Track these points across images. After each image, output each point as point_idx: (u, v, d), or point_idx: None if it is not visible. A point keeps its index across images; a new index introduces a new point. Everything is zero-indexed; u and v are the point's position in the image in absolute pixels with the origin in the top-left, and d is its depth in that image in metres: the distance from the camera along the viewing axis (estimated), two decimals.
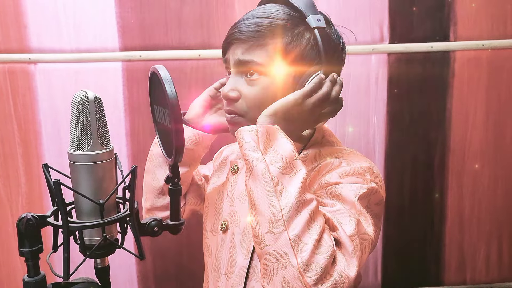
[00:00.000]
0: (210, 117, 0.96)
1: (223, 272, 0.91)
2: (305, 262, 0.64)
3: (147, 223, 0.68)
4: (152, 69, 0.70)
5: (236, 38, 0.81)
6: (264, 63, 0.80)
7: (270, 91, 0.81)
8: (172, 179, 0.72)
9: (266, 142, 0.72)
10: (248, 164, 0.72)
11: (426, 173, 1.58)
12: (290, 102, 0.77)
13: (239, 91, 0.83)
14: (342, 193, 0.76)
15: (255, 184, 0.70)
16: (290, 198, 0.67)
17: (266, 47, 0.80)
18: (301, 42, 0.80)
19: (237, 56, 0.82)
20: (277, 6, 0.83)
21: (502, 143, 1.57)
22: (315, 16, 0.81)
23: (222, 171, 1.02)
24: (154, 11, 1.44)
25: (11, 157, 1.50)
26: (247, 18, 0.83)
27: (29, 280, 0.61)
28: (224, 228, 0.92)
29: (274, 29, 0.80)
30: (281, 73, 0.80)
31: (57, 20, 1.43)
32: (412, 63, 1.51)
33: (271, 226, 0.67)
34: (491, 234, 1.63)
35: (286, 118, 0.76)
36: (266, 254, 0.67)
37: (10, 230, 1.53)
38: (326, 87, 0.78)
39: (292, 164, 0.71)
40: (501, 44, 1.50)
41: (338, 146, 0.89)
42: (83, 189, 0.61)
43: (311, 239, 0.66)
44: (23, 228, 0.59)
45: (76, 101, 0.59)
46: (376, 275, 1.63)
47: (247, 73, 0.82)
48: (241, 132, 0.74)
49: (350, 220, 0.72)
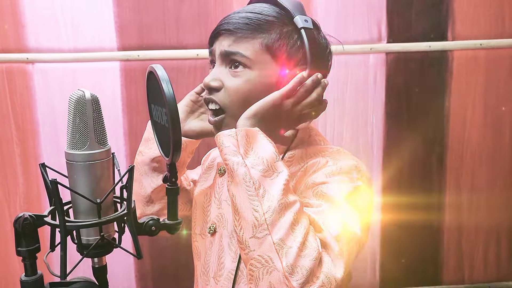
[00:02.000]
0: (193, 122, 0.95)
1: (211, 275, 0.90)
2: (290, 265, 0.64)
3: (144, 223, 0.68)
4: (150, 69, 0.70)
5: (224, 29, 0.81)
6: (250, 56, 0.80)
7: (252, 85, 0.80)
8: (169, 178, 0.72)
9: (246, 145, 0.71)
10: (229, 168, 0.71)
11: (424, 172, 1.58)
12: (269, 103, 0.76)
13: (222, 82, 0.82)
14: (328, 192, 0.76)
15: (237, 189, 0.70)
16: (273, 201, 0.67)
17: (253, 41, 0.80)
18: (289, 41, 0.80)
19: (223, 48, 0.81)
20: (268, 5, 0.83)
21: (500, 142, 1.58)
22: (302, 17, 0.81)
23: (210, 173, 1.01)
24: (152, 10, 1.44)
25: (8, 156, 1.50)
26: (237, 11, 0.83)
27: (27, 279, 0.61)
28: (212, 231, 0.91)
29: (263, 24, 0.80)
30: (265, 69, 0.80)
31: (55, 20, 1.43)
32: (410, 62, 1.51)
33: (254, 230, 0.66)
34: (489, 233, 1.64)
35: (266, 119, 0.76)
36: (251, 260, 0.67)
37: (7, 230, 1.53)
38: (306, 88, 0.78)
39: (273, 166, 0.70)
40: (498, 43, 1.50)
41: (325, 145, 0.89)
42: (81, 188, 0.61)
43: (296, 241, 0.65)
44: (20, 228, 0.59)
45: (74, 101, 0.59)
46: (374, 275, 1.63)
47: (231, 64, 0.81)
48: (220, 137, 0.74)
49: (336, 221, 0.71)
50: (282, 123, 0.79)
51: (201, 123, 0.95)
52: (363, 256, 1.62)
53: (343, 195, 0.75)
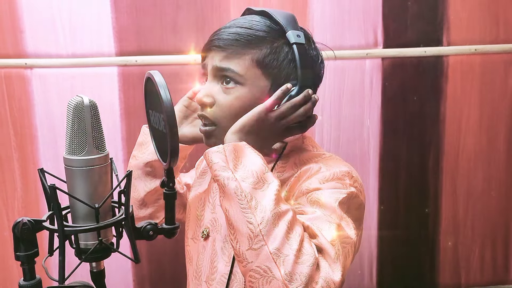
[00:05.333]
0: (186, 128, 0.95)
1: (204, 279, 0.91)
2: (288, 273, 0.64)
3: (142, 227, 0.69)
4: (147, 75, 0.70)
5: (215, 45, 0.82)
6: (241, 72, 0.80)
7: (244, 101, 0.81)
8: (167, 183, 0.73)
9: (235, 160, 0.72)
10: (220, 184, 0.71)
11: (420, 176, 1.59)
12: (254, 117, 0.77)
13: (214, 98, 0.83)
14: (322, 199, 0.76)
15: (229, 203, 0.70)
16: (266, 212, 0.67)
17: (244, 57, 0.80)
18: (279, 55, 0.81)
19: (215, 63, 0.82)
20: (259, 18, 0.83)
21: (495, 145, 1.59)
22: (295, 32, 0.81)
23: (204, 178, 1.01)
24: (150, 16, 1.45)
25: (7, 161, 1.50)
26: (228, 26, 0.83)
27: (25, 284, 0.61)
28: (205, 235, 0.92)
29: (253, 39, 0.80)
30: (257, 84, 0.81)
31: (53, 25, 1.43)
32: (406, 68, 1.52)
33: (250, 242, 0.67)
34: (485, 237, 1.64)
35: (253, 132, 0.77)
36: (250, 271, 0.67)
37: (6, 234, 1.53)
38: (293, 104, 0.78)
39: (263, 178, 0.71)
40: (493, 49, 1.52)
41: (318, 151, 0.89)
42: (79, 193, 0.61)
43: (292, 249, 0.65)
44: (18, 232, 0.60)
45: (72, 106, 0.60)
46: (371, 278, 1.64)
47: (223, 80, 0.82)
48: (209, 154, 0.74)
49: (330, 226, 0.72)
50: (269, 136, 0.79)
51: (194, 129, 0.95)
52: (360, 260, 1.62)
53: (337, 201, 0.75)
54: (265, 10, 0.84)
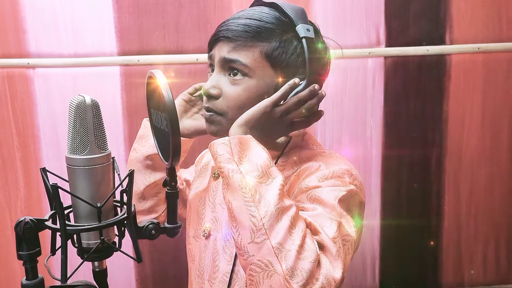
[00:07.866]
0: (186, 121, 0.96)
1: (206, 278, 0.91)
2: (290, 268, 0.64)
3: (144, 226, 0.69)
4: (149, 74, 0.70)
5: (224, 36, 0.81)
6: (249, 64, 0.80)
7: (251, 93, 0.80)
8: (169, 182, 0.73)
9: (240, 153, 0.72)
10: (225, 176, 0.71)
11: (423, 175, 1.59)
12: (260, 110, 0.77)
13: (221, 89, 0.82)
14: (322, 196, 0.76)
15: (233, 196, 0.70)
16: (269, 206, 0.67)
17: (252, 49, 0.80)
18: (288, 49, 0.80)
19: (223, 54, 0.81)
20: (268, 10, 0.83)
21: (498, 144, 1.58)
22: (305, 26, 0.81)
23: (204, 176, 1.01)
24: (152, 15, 1.45)
25: (9, 161, 1.50)
26: (237, 17, 0.83)
27: (27, 283, 0.61)
28: (206, 234, 0.92)
29: (263, 32, 0.80)
30: (264, 77, 0.80)
31: (55, 25, 1.43)
32: (408, 66, 1.52)
33: (253, 236, 0.67)
34: (488, 236, 1.64)
35: (258, 126, 0.76)
36: (251, 265, 0.67)
37: (9, 234, 1.54)
38: (299, 99, 0.78)
39: (268, 172, 0.71)
40: (496, 47, 1.51)
41: (318, 149, 0.89)
42: (81, 192, 0.61)
43: (294, 245, 0.66)
44: (21, 232, 0.60)
45: (74, 106, 0.60)
46: (374, 277, 1.64)
47: (230, 72, 0.82)
48: (214, 146, 0.74)
49: (331, 223, 0.72)
50: (274, 130, 0.80)
51: (194, 122, 0.95)
52: (363, 258, 1.62)
53: (337, 199, 0.76)
54: (275, 2, 0.83)
